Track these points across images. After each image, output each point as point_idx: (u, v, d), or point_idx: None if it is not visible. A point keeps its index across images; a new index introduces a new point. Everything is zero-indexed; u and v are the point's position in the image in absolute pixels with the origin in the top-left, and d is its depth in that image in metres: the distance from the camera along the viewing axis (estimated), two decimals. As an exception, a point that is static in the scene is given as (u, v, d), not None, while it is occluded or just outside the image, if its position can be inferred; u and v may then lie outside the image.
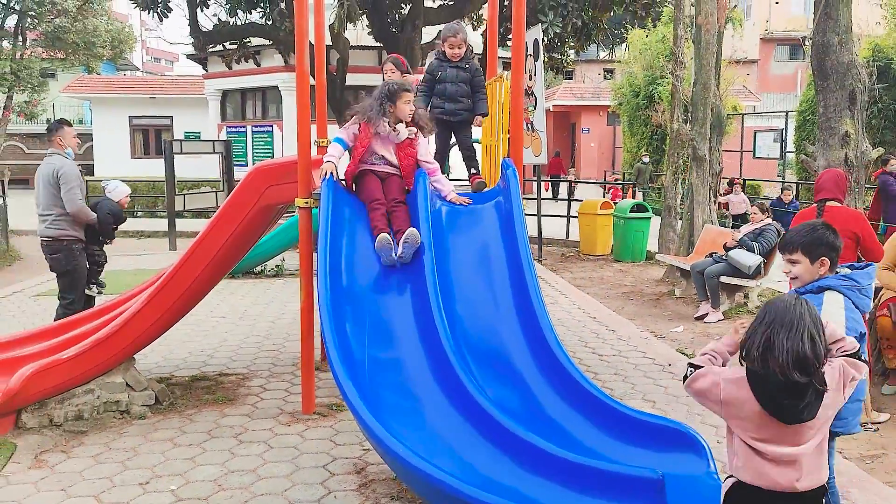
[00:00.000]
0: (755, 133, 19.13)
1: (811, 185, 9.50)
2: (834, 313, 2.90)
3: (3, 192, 15.24)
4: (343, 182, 4.79)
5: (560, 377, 3.85)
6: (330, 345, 3.67)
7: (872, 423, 5.16)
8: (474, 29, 16.81)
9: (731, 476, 2.60)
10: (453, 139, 5.62)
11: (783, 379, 2.33)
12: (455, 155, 5.84)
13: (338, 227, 4.39)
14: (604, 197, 17.29)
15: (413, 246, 4.31)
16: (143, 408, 5.21)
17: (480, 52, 12.53)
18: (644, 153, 22.29)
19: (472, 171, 5.19)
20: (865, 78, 7.12)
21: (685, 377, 2.61)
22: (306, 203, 5.00)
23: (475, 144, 5.68)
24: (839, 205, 5.20)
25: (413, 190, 4.70)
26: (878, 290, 5.99)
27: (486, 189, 5.17)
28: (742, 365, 2.48)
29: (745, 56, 34.56)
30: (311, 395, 5.23)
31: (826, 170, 5.51)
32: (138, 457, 4.53)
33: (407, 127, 4.70)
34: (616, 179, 23.43)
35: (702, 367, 2.58)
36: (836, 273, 3.09)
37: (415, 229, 4.36)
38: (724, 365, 2.66)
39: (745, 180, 17.76)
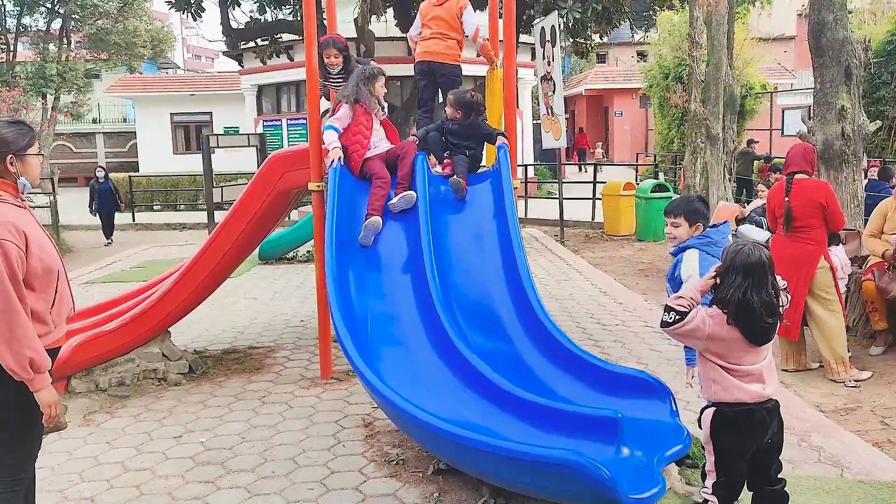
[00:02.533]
0: (783, 111, 19.10)
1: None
2: (690, 264, 3.66)
3: (54, 190, 16.09)
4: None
5: (541, 334, 4.27)
6: (332, 302, 4.17)
7: (854, 381, 5.46)
8: (500, 17, 17.13)
9: (711, 405, 3.06)
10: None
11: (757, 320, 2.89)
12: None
13: (343, 204, 4.86)
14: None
15: (408, 202, 4.91)
16: (178, 375, 5.77)
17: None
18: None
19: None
20: (861, 53, 7.34)
21: (668, 322, 2.98)
22: (318, 187, 5.47)
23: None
24: (806, 177, 5.50)
25: (413, 170, 5.14)
26: (864, 257, 6.27)
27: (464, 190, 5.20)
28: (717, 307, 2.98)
29: (782, 33, 34.15)
30: (328, 362, 5.74)
31: (795, 144, 5.80)
32: (173, 416, 5.09)
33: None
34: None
35: (684, 310, 2.97)
36: (712, 229, 3.81)
37: (413, 192, 4.95)
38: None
39: (773, 158, 17.77)
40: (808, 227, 5.48)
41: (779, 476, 3.11)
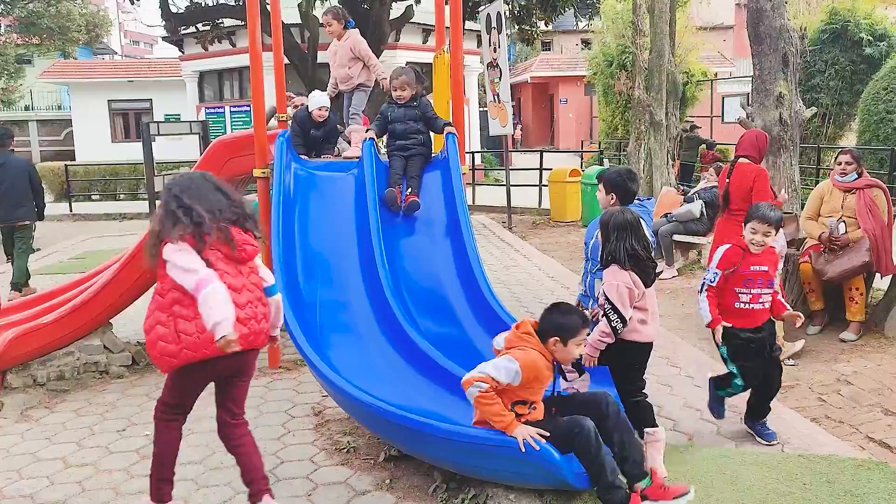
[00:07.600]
0: (723, 98, 19.53)
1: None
2: None
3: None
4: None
5: (491, 319, 4.30)
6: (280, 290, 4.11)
7: (791, 360, 5.63)
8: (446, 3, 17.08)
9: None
10: None
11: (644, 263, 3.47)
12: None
13: (289, 191, 4.80)
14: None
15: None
16: (121, 368, 5.63)
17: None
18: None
19: (409, 190, 5.09)
20: (797, 42, 7.53)
21: (617, 329, 3.50)
22: (263, 173, 5.38)
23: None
24: (748, 162, 5.61)
25: (360, 167, 5.07)
26: (801, 239, 6.46)
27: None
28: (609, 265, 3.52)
29: (720, 23, 34.88)
30: (276, 351, 5.65)
31: (751, 129, 5.92)
32: (116, 409, 4.96)
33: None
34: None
35: (622, 315, 3.46)
36: (636, 203, 4.09)
37: None
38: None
39: (715, 143, 18.10)
40: (744, 211, 5.59)
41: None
